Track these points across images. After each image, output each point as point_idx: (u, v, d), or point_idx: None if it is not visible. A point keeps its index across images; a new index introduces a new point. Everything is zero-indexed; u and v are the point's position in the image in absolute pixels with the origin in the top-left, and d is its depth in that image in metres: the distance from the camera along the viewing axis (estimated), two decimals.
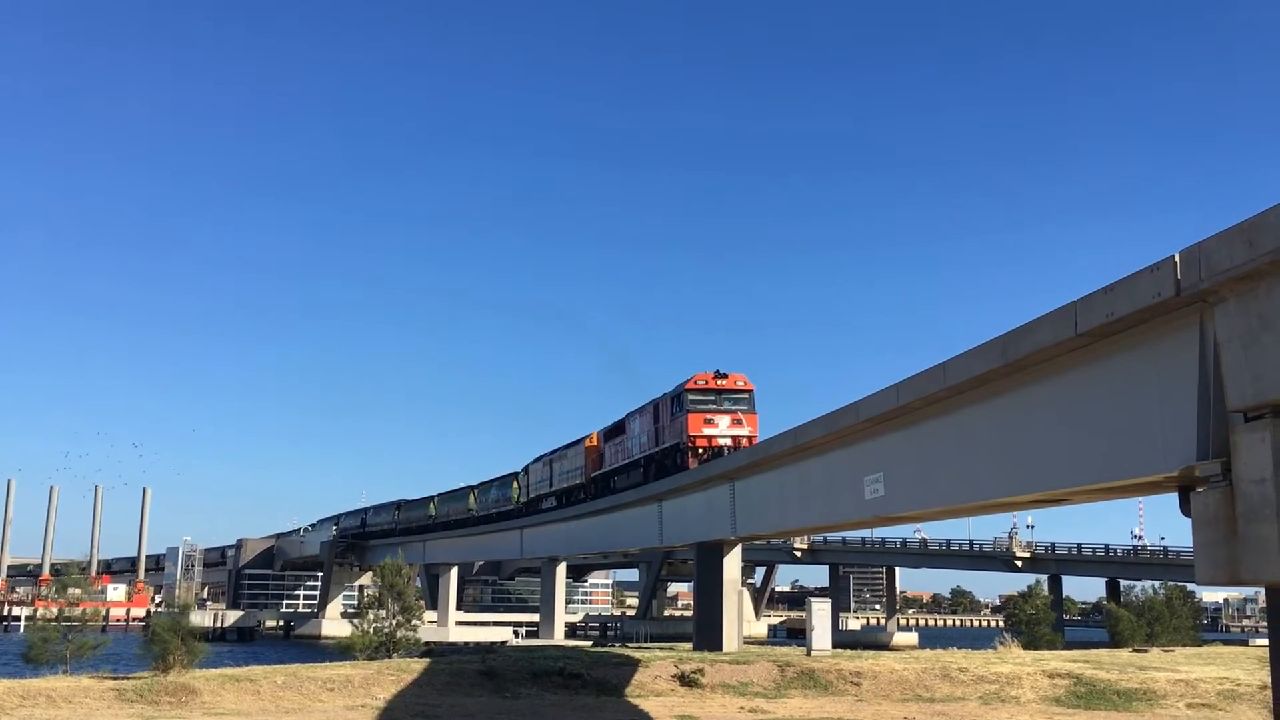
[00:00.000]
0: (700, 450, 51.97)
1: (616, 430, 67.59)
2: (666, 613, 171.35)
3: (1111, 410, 18.75)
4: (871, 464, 30.82)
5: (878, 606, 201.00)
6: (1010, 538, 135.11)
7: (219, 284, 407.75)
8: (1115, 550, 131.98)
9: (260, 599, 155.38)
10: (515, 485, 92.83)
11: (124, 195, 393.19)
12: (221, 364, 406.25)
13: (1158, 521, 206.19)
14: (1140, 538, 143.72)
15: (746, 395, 53.69)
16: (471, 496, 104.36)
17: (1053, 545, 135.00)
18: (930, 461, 27.20)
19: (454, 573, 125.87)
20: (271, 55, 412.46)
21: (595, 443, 73.17)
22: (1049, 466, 21.29)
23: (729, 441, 51.87)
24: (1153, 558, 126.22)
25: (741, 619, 51.54)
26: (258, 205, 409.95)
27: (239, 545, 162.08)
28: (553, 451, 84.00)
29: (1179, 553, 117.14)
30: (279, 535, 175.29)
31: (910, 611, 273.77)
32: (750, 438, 51.49)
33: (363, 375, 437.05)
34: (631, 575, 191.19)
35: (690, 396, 53.41)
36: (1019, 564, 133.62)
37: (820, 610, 48.00)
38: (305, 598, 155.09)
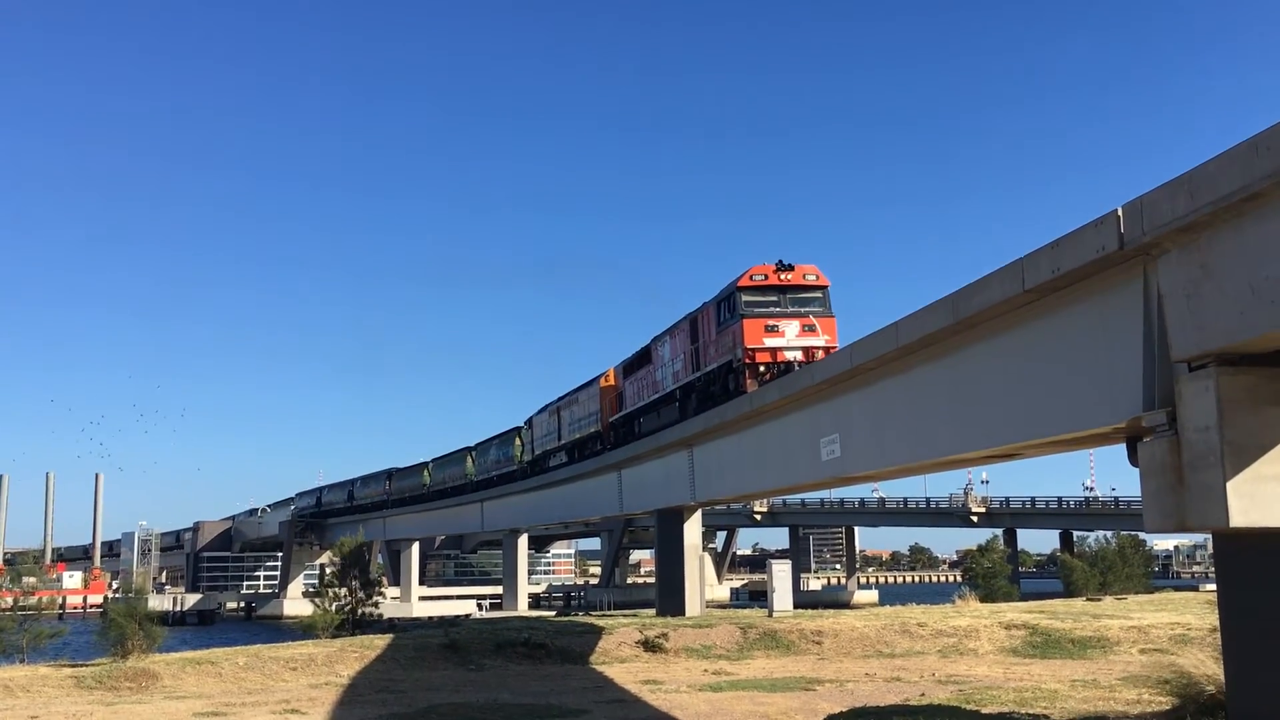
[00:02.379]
0: (762, 368, 39.02)
1: (640, 361, 54.11)
2: (629, 580, 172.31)
3: (1060, 364, 19.01)
4: (827, 425, 31.07)
5: (838, 566, 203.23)
6: (966, 494, 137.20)
7: (161, 261, 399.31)
8: (1068, 502, 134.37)
9: (220, 582, 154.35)
10: (517, 442, 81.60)
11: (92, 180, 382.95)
12: (174, 344, 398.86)
13: (1109, 473, 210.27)
14: (1092, 489, 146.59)
15: (820, 292, 40.53)
16: (469, 459, 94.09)
17: (1007, 500, 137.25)
18: (885, 421, 27.47)
19: (415, 548, 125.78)
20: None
21: (612, 381, 59.86)
22: (1001, 422, 21.58)
23: (799, 355, 38.86)
24: (1104, 508, 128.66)
25: (703, 583, 51.85)
26: (193, 176, 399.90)
27: (196, 528, 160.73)
28: (560, 398, 70.58)
29: (1129, 503, 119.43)
30: (236, 517, 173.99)
31: (870, 570, 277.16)
32: (828, 348, 38.41)
33: (366, 332, 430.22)
34: (594, 544, 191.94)
35: (745, 296, 40.15)
36: (975, 519, 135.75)
37: (781, 572, 48.48)
38: (266, 579, 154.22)
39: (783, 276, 40.48)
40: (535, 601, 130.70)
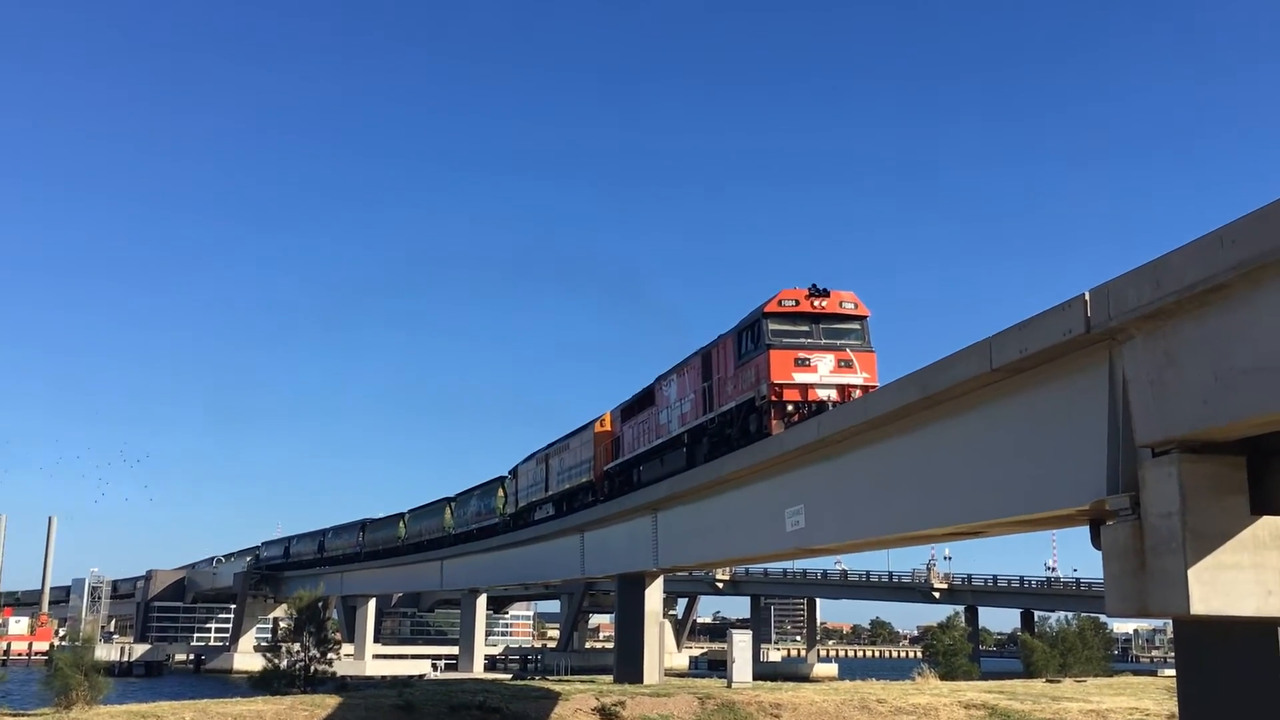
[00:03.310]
0: (790, 408, 33.93)
1: (642, 403, 48.86)
2: (588, 645, 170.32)
3: (1025, 444, 19.14)
4: (793, 496, 31.03)
5: (799, 638, 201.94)
6: (928, 569, 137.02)
7: (113, 301, 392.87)
8: (1030, 582, 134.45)
9: (170, 632, 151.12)
10: (500, 493, 76.73)
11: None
12: (136, 388, 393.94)
13: (1071, 553, 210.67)
14: (1054, 569, 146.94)
15: (858, 323, 35.56)
16: (448, 511, 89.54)
17: (969, 577, 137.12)
18: (850, 494, 27.48)
19: (372, 604, 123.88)
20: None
21: (608, 426, 54.49)
22: (965, 499, 21.64)
23: (833, 394, 33.82)
24: (1066, 589, 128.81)
25: (663, 651, 51.31)
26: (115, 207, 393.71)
27: (148, 577, 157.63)
28: (549, 445, 65.53)
29: (1091, 584, 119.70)
30: (191, 566, 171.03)
31: (831, 643, 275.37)
32: (866, 387, 33.54)
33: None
34: (553, 607, 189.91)
35: (772, 325, 35.07)
36: (937, 595, 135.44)
37: (741, 642, 48.05)
38: (217, 631, 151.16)
39: (816, 303, 35.26)
40: (492, 663, 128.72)
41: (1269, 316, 12.95)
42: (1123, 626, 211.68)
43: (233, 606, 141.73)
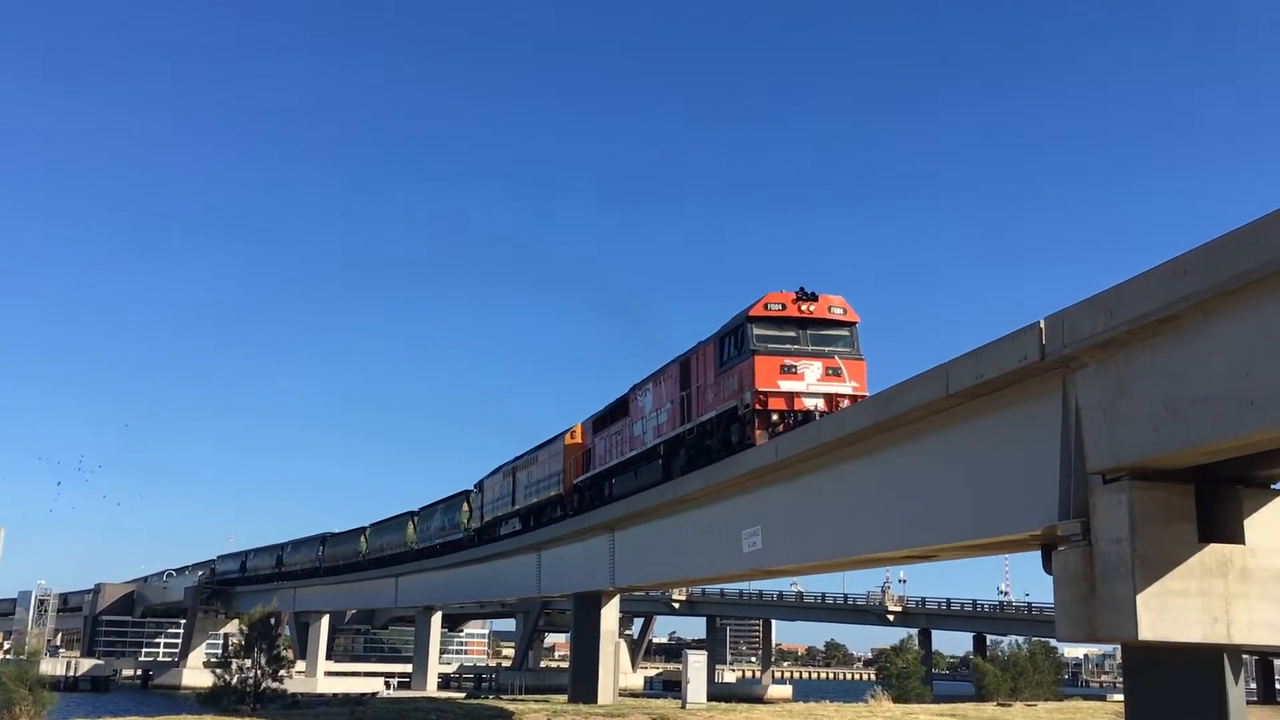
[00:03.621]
0: (775, 417, 32.12)
1: (615, 414, 47.15)
2: (543, 664, 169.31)
3: (980, 469, 19.34)
4: (750, 517, 31.12)
5: (754, 659, 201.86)
6: (883, 592, 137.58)
7: (64, 307, 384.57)
8: (983, 605, 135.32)
9: (118, 647, 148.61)
10: (465, 508, 74.95)
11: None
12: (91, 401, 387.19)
13: (1023, 578, 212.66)
14: (1006, 594, 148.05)
15: (847, 329, 34.00)
16: (411, 525, 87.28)
17: (923, 600, 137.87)
18: (807, 515, 27.61)
19: (325, 621, 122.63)
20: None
21: (578, 438, 52.90)
22: (920, 523, 21.80)
23: (820, 404, 32.01)
24: (1018, 613, 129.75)
25: (618, 671, 51.12)
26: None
27: (97, 590, 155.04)
28: (516, 458, 63.83)
29: (1043, 609, 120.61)
30: (143, 580, 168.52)
31: (785, 664, 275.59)
32: (855, 397, 31.96)
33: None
34: (509, 625, 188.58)
35: (757, 329, 33.42)
36: (891, 618, 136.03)
37: (696, 662, 47.98)
38: (166, 646, 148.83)
39: (804, 308, 33.70)
40: (445, 682, 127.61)
41: (1219, 348, 13.22)
42: (1074, 651, 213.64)
43: (183, 621, 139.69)
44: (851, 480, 24.72)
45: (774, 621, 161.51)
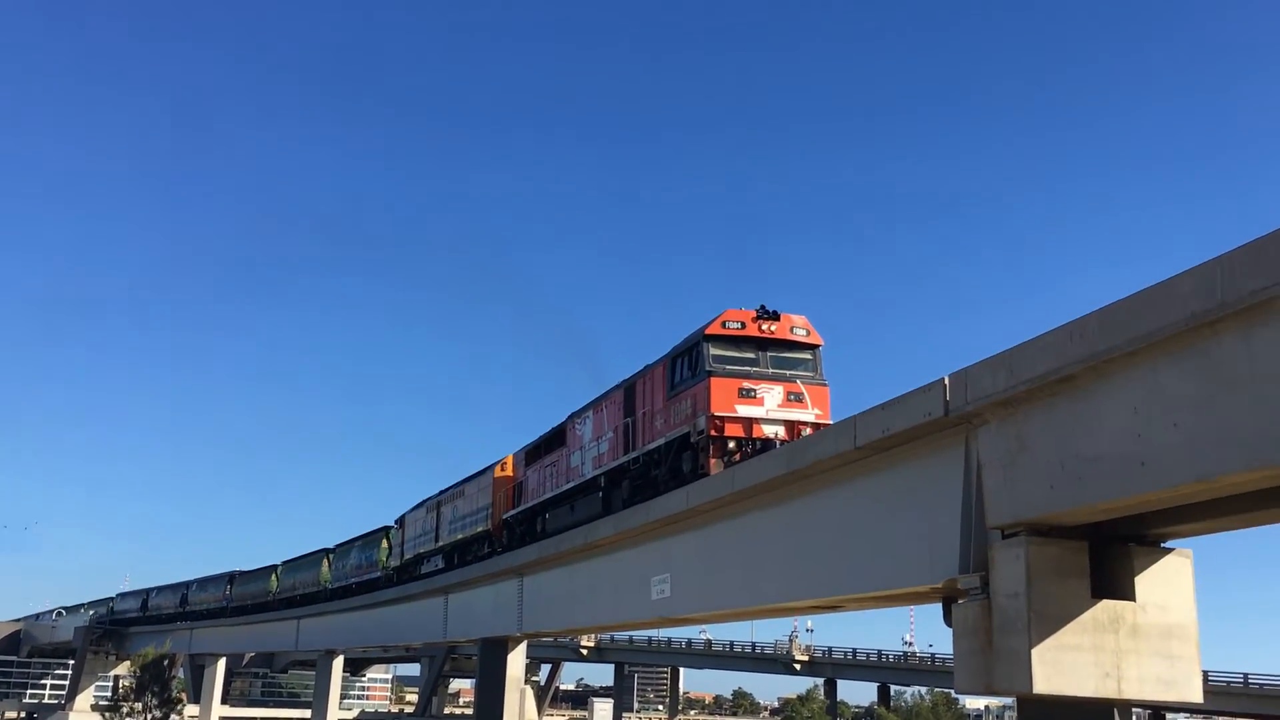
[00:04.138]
0: (731, 444, 29.62)
1: (550, 444, 44.40)
2: (448, 710, 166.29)
3: (885, 521, 19.64)
4: (659, 564, 31.10)
5: (661, 707, 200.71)
6: (790, 641, 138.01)
7: None
8: (888, 656, 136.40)
9: (1, 688, 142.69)
10: (384, 544, 71.14)
11: None
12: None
13: (929, 629, 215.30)
14: (911, 644, 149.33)
15: (810, 352, 31.67)
16: (325, 563, 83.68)
17: (830, 649, 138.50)
18: (716, 564, 27.69)
19: (222, 664, 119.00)
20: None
21: (509, 471, 50.17)
22: (826, 573, 22.03)
23: (780, 431, 29.65)
24: (921, 664, 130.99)
25: (523, 718, 50.46)
26: None
27: None
28: (441, 492, 60.57)
29: (945, 660, 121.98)
30: (31, 618, 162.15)
31: (693, 712, 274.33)
32: (817, 424, 29.60)
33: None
34: (413, 670, 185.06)
35: (714, 349, 30.91)
36: (798, 667, 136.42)
37: (602, 711, 47.77)
38: (53, 687, 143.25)
39: (764, 327, 31.31)
40: None
41: (1111, 409, 13.68)
42: (975, 703, 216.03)
43: (71, 662, 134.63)
44: (761, 529, 24.90)
45: (682, 669, 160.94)
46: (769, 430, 29.81)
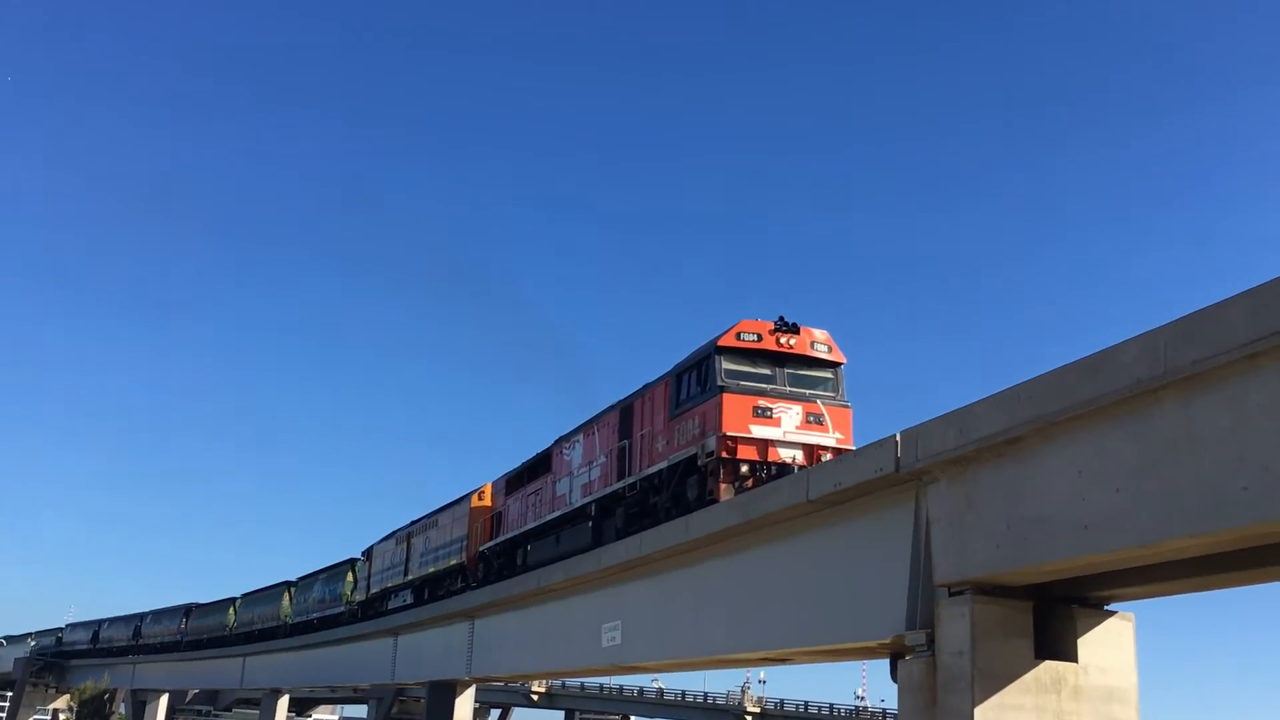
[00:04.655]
0: (744, 468, 26.68)
1: (534, 471, 41.61)
2: None
3: (836, 575, 19.75)
4: (611, 611, 31.00)
5: None
6: (743, 691, 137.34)
7: None
8: (839, 709, 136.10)
9: None
10: (349, 578, 67.48)
11: None
12: None
13: (881, 683, 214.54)
14: (863, 699, 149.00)
15: (832, 371, 28.72)
16: (286, 597, 79.75)
17: (782, 702, 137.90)
18: (668, 612, 27.64)
19: (164, 700, 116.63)
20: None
21: (487, 500, 47.50)
22: (777, 625, 22.07)
23: (798, 455, 26.91)
24: (873, 718, 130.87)
25: None
26: None
27: None
28: (413, 523, 57.37)
29: (895, 715, 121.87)
30: None
31: None
32: (839, 450, 26.76)
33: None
34: (360, 711, 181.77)
35: (727, 362, 28.06)
36: (749, 718, 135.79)
37: None
38: None
39: (783, 341, 28.38)
40: None
41: (1057, 471, 13.91)
42: None
43: (9, 694, 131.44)
44: (713, 579, 24.92)
45: (632, 717, 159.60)
46: (786, 454, 26.95)
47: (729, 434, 26.52)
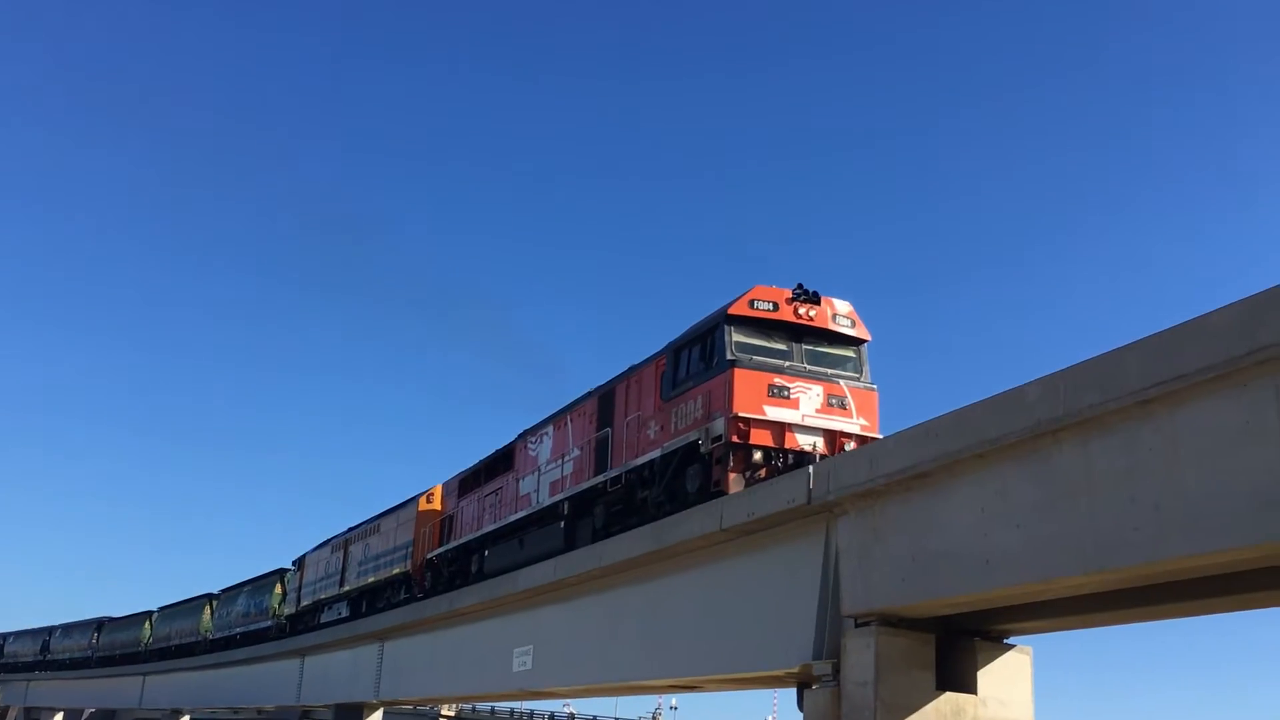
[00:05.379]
0: (757, 455, 22.12)
1: (493, 469, 37.03)
2: None
3: (746, 604, 19.97)
4: (524, 636, 30.88)
5: None
6: (654, 717, 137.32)
7: None
8: None
9: None
10: (278, 589, 62.80)
11: None
12: None
13: (791, 712, 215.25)
14: None
15: (855, 349, 24.33)
16: (208, 610, 74.28)
17: None
18: (580, 637, 27.64)
19: (59, 718, 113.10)
20: None
21: (436, 503, 42.29)
22: (686, 653, 22.20)
23: (819, 442, 22.33)
24: None
25: None
26: None
27: None
28: (352, 529, 53.55)
29: None
30: None
31: None
32: (864, 438, 22.30)
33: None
34: None
35: (737, 333, 23.58)
36: None
37: None
38: None
39: (801, 312, 24.21)
40: None
41: (960, 507, 14.31)
42: None
43: None
44: (625, 605, 25.00)
45: None
46: (805, 440, 22.92)
47: (741, 415, 22.52)
